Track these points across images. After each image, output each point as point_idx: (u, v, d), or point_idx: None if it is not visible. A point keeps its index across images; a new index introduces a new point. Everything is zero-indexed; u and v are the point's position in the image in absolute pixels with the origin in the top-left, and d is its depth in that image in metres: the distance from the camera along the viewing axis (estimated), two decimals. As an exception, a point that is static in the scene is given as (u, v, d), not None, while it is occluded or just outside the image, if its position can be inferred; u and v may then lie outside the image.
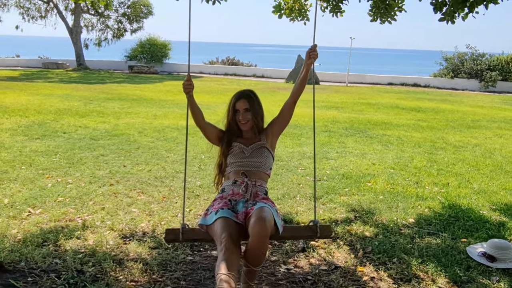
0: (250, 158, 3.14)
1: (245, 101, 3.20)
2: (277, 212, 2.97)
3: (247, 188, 3.01)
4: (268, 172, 3.21)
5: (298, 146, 8.51)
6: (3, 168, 6.21)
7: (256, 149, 3.18)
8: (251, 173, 3.10)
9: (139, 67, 30.03)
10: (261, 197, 3.04)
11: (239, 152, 3.17)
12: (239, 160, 3.14)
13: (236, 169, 3.13)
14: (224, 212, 2.87)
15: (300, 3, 5.65)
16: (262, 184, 3.12)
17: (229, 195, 3.05)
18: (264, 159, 3.17)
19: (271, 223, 2.75)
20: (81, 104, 13.37)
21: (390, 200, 5.52)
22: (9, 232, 4.11)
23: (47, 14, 32.65)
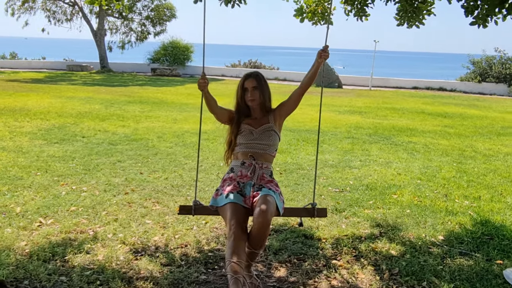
0: (258, 140, 3.37)
1: (253, 80, 3.43)
2: (279, 195, 3.28)
3: (254, 172, 3.29)
4: (273, 153, 3.45)
5: (320, 154, 8.22)
6: (19, 174, 6.10)
7: (265, 131, 3.39)
8: (258, 155, 3.35)
9: (162, 69, 30.11)
10: (266, 180, 3.33)
11: (248, 133, 3.38)
12: (247, 141, 3.37)
13: (245, 150, 3.36)
14: (234, 197, 3.18)
15: (323, 6, 5.39)
16: (268, 166, 3.40)
17: (237, 176, 3.32)
18: (271, 141, 3.39)
19: (273, 212, 3.06)
20: (102, 107, 13.34)
21: (417, 214, 5.20)
22: (17, 244, 3.96)
23: (73, 17, 33.06)
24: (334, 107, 16.06)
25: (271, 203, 3.07)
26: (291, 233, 4.55)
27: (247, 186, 3.28)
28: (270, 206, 3.05)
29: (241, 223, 3.06)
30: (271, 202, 3.09)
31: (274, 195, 3.18)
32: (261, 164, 3.35)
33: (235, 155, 3.45)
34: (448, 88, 26.80)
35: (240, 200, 3.18)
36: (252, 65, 33.43)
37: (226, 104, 3.57)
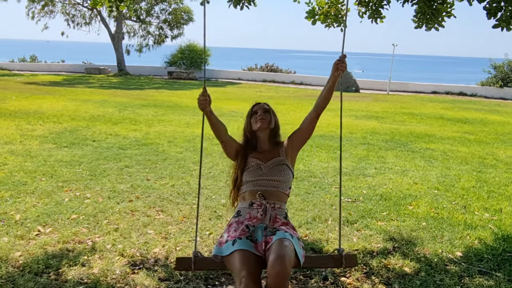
0: (268, 176, 2.89)
1: (264, 104, 3.11)
2: (298, 240, 2.73)
3: (265, 212, 2.80)
4: (287, 192, 2.96)
5: (334, 161, 7.96)
6: (24, 180, 5.99)
7: (275, 165, 2.93)
8: (269, 193, 2.86)
9: (178, 73, 30.13)
10: (280, 222, 2.82)
11: (256, 168, 2.92)
12: (256, 178, 2.89)
13: (253, 188, 2.88)
14: (243, 243, 2.64)
15: (336, 8, 5.16)
16: (282, 206, 2.89)
17: (246, 219, 2.81)
18: (283, 177, 2.91)
19: (291, 259, 2.52)
20: (115, 111, 13.27)
21: (434, 227, 4.92)
22: (12, 255, 3.81)
23: (91, 20, 33.35)
24: (350, 112, 15.78)
25: (289, 249, 2.55)
26: (298, 247, 4.31)
27: (258, 230, 2.75)
28: (288, 252, 2.53)
29: (253, 274, 2.51)
30: (289, 248, 2.56)
31: (291, 239, 2.64)
32: (273, 204, 2.85)
33: (242, 196, 2.94)
34: (469, 93, 26.22)
35: (251, 247, 2.64)
36: (269, 68, 33.27)
37: (233, 133, 3.10)
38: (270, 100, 19.23)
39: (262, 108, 3.07)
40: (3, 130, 9.37)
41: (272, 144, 3.05)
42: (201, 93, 2.78)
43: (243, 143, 3.06)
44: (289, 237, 2.64)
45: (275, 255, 2.48)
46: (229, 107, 15.86)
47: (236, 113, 14.26)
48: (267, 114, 3.05)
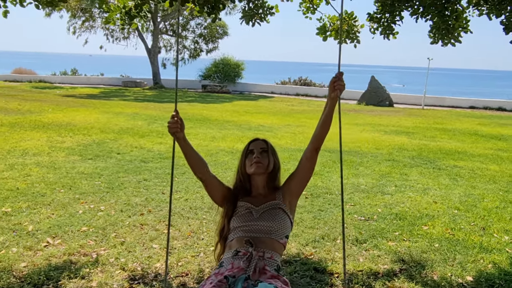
0: (259, 221, 2.43)
1: (262, 142, 2.64)
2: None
3: (250, 261, 2.28)
4: (283, 241, 2.45)
5: (353, 177, 7.84)
6: (43, 191, 6.17)
7: (268, 209, 2.48)
8: (259, 241, 2.38)
9: (212, 86, 30.51)
10: (269, 275, 2.27)
11: (246, 213, 2.48)
12: (245, 223, 2.44)
13: (241, 235, 2.42)
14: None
15: (348, 23, 5.12)
16: (273, 256, 2.37)
17: (227, 270, 2.29)
18: (278, 223, 2.44)
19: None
20: (144, 124, 13.54)
21: (446, 249, 4.75)
22: (17, 266, 3.92)
23: (129, 35, 34.30)
24: (380, 127, 15.53)
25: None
26: (301, 265, 4.25)
27: (238, 283, 2.20)
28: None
29: None
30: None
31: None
32: (262, 252, 2.35)
33: (229, 245, 2.47)
34: (508, 108, 25.34)
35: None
36: (302, 82, 33.26)
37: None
38: (301, 114, 19.19)
39: (259, 148, 2.61)
40: (34, 142, 9.71)
41: (269, 189, 2.60)
42: (171, 116, 2.42)
43: (234, 185, 2.64)
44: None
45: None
46: (258, 121, 15.90)
47: (263, 127, 14.30)
48: (265, 156, 2.59)
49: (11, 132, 10.72)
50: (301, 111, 20.95)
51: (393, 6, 4.66)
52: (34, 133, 10.85)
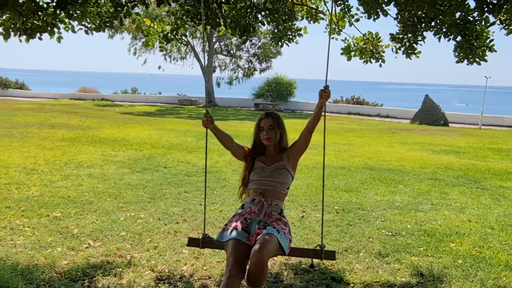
0: (269, 177, 3.41)
1: (270, 119, 3.54)
2: (284, 235, 3.23)
3: (262, 208, 3.33)
4: (284, 191, 3.47)
5: (390, 194, 7.87)
6: (91, 199, 6.71)
7: (276, 169, 3.44)
8: (268, 192, 3.39)
9: (264, 104, 31.03)
10: (274, 218, 3.34)
11: (260, 170, 3.45)
12: (259, 178, 3.42)
13: (256, 187, 3.42)
14: (237, 233, 3.19)
15: (373, 44, 5.30)
16: (278, 204, 3.42)
17: (246, 212, 3.38)
18: (282, 179, 3.41)
19: (270, 251, 3.04)
20: (194, 140, 14.10)
21: (470, 266, 4.76)
22: (59, 263, 4.37)
23: (186, 55, 35.65)
24: (429, 146, 15.28)
25: (269, 243, 3.06)
26: (320, 274, 4.43)
27: (253, 223, 3.29)
28: (268, 245, 3.04)
29: (238, 261, 3.06)
30: (270, 242, 3.07)
31: (277, 235, 3.16)
32: (270, 201, 3.38)
33: (248, 192, 3.52)
34: None
35: (244, 237, 3.19)
36: (354, 101, 33.12)
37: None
38: (349, 132, 19.19)
39: (267, 125, 3.53)
40: (89, 155, 10.43)
41: (278, 151, 3.54)
42: (204, 115, 3.46)
43: (252, 147, 3.60)
44: (275, 233, 3.15)
45: (257, 246, 2.99)
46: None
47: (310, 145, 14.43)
48: (272, 131, 3.52)
49: (70, 146, 11.55)
50: (351, 129, 20.94)
51: (415, 26, 4.81)
52: (90, 147, 11.63)
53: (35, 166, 8.81)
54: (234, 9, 5.16)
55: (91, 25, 5.21)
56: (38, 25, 4.83)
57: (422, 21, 4.91)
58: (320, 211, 6.61)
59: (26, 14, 4.52)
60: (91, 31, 5.20)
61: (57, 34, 5.13)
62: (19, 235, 5.12)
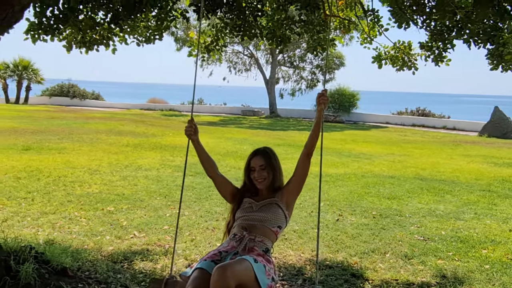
0: (257, 212, 2.99)
1: (260, 158, 3.11)
2: (264, 268, 2.73)
3: (241, 241, 2.86)
4: (274, 229, 2.97)
5: (434, 203, 7.85)
6: (143, 197, 7.30)
7: (266, 204, 3.03)
8: (254, 227, 2.93)
9: (326, 116, 30.96)
10: (256, 253, 2.80)
11: (247, 207, 3.05)
12: (245, 214, 3.01)
13: (240, 223, 2.99)
14: (204, 264, 2.74)
15: (404, 52, 5.47)
16: (264, 241, 2.90)
17: (223, 247, 2.90)
18: (271, 214, 2.97)
19: (237, 273, 2.56)
20: (250, 148, 14.51)
21: (495, 271, 4.78)
22: (105, 248, 4.92)
23: (250, 67, 36.52)
24: (492, 159, 14.74)
25: (239, 265, 2.62)
26: (341, 271, 4.66)
27: (228, 256, 2.80)
28: (236, 266, 2.59)
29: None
30: (240, 264, 2.62)
31: (252, 263, 2.67)
32: (254, 236, 2.89)
33: (231, 231, 3.06)
34: None
35: (211, 268, 2.65)
36: (420, 112, 32.33)
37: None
38: (410, 144, 18.85)
39: (258, 166, 3.09)
40: (149, 160, 11.18)
41: (271, 191, 3.12)
42: (188, 122, 3.12)
43: (242, 187, 3.18)
44: (249, 260, 2.65)
45: (220, 265, 2.57)
46: (361, 149, 16.08)
47: (363, 155, 14.44)
48: (264, 173, 3.08)
49: (132, 152, 12.40)
50: (412, 141, 20.55)
51: (443, 34, 4.94)
52: (151, 152, 12.42)
53: (98, 167, 9.63)
54: (271, 21, 5.55)
55: (142, 38, 5.79)
56: (95, 39, 5.48)
57: (451, 29, 5.03)
58: (357, 216, 6.79)
59: (85, 29, 5.16)
60: (142, 43, 5.79)
61: (112, 46, 5.75)
62: (75, 224, 5.76)
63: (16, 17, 3.29)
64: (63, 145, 12.55)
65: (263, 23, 5.52)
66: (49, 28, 4.93)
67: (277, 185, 3.13)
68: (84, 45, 5.52)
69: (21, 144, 12.27)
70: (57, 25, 5.00)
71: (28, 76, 33.69)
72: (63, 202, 6.74)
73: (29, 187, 7.44)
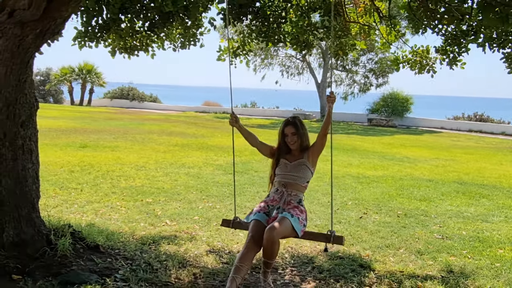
0: (291, 172, 3.99)
1: (291, 127, 4.06)
2: (298, 219, 3.80)
3: (281, 197, 3.93)
4: (304, 184, 4.03)
5: (465, 206, 7.88)
6: (180, 191, 7.86)
7: (297, 165, 4.01)
8: (289, 184, 3.97)
9: (378, 120, 30.82)
10: (292, 205, 3.89)
11: (283, 166, 4.05)
12: (282, 172, 4.03)
13: (279, 179, 4.03)
14: (259, 215, 3.90)
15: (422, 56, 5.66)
16: (298, 194, 3.97)
17: (269, 200, 4.02)
18: (301, 173, 3.98)
19: (281, 231, 3.66)
20: (292, 150, 14.89)
21: (505, 268, 4.88)
22: (138, 232, 5.48)
23: (303, 71, 36.80)
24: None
25: (282, 224, 3.69)
26: (351, 261, 4.94)
27: (274, 209, 3.93)
28: (281, 226, 3.67)
29: (256, 237, 3.75)
30: (283, 223, 3.70)
31: (290, 218, 3.77)
32: (290, 191, 3.97)
33: (273, 184, 4.16)
34: None
35: (264, 219, 3.87)
36: (478, 118, 31.32)
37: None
38: (461, 149, 18.44)
39: (290, 132, 4.07)
40: (193, 159, 11.80)
41: (300, 151, 4.09)
42: (230, 115, 4.25)
43: (278, 147, 4.16)
44: (288, 217, 3.76)
45: (270, 226, 3.66)
46: (407, 153, 15.97)
47: (407, 159, 14.36)
48: (295, 138, 4.05)
49: (180, 151, 13.10)
50: (464, 146, 20.08)
51: (457, 39, 5.11)
52: (197, 152, 13.07)
53: (145, 164, 10.34)
54: (295, 27, 5.92)
55: (178, 43, 6.34)
56: (135, 45, 6.07)
57: (466, 34, 5.21)
58: (381, 214, 7.00)
59: (125, 36, 5.77)
60: (177, 49, 6.34)
61: (151, 51, 6.34)
62: (116, 212, 6.39)
63: (58, 28, 3.87)
64: (116, 144, 13.47)
65: (287, 29, 5.90)
66: (93, 36, 5.57)
67: (305, 145, 4.08)
68: (126, 51, 6.14)
69: (79, 142, 13.30)
70: (101, 33, 5.63)
71: (92, 79, 35.78)
72: (108, 193, 7.43)
73: (80, 179, 8.22)
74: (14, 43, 3.63)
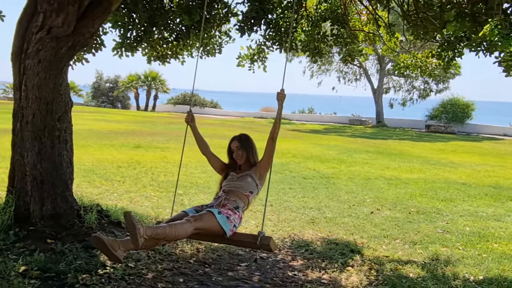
0: (235, 181, 3.96)
1: (236, 141, 4.13)
2: (228, 219, 3.62)
3: (218, 199, 3.86)
4: (246, 193, 3.91)
5: (485, 207, 8.03)
6: (211, 185, 8.63)
7: (243, 176, 3.98)
8: (231, 191, 3.88)
9: (436, 126, 30.25)
10: (226, 207, 3.72)
11: (230, 178, 4.03)
12: (227, 183, 3.99)
13: (223, 188, 3.98)
14: (188, 209, 3.75)
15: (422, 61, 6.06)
16: (236, 201, 3.82)
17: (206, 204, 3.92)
18: (244, 182, 3.92)
19: (200, 222, 3.47)
20: (334, 153, 15.30)
21: (488, 258, 5.19)
22: (162, 217, 6.29)
23: (360, 77, 36.79)
24: None
25: (204, 217, 3.51)
26: (344, 247, 5.46)
27: (205, 208, 3.73)
28: (202, 218, 3.49)
29: (174, 220, 3.52)
30: (205, 216, 3.52)
31: (217, 215, 3.56)
32: (229, 197, 3.81)
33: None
34: None
35: (191, 212, 3.66)
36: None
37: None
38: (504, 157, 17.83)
39: (235, 147, 4.10)
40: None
41: (248, 166, 4.07)
42: (187, 113, 4.15)
43: (228, 163, 4.19)
44: (214, 212, 3.58)
45: (192, 215, 3.55)
46: (455, 158, 15.74)
47: (452, 164, 14.24)
48: (240, 151, 4.06)
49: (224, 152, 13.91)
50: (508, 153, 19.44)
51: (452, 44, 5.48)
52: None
53: (188, 163, 11.25)
54: (307, 36, 6.53)
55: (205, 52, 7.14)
56: (166, 53, 6.93)
57: (460, 40, 5.58)
58: (393, 211, 7.39)
59: (156, 45, 6.64)
60: (204, 56, 7.14)
61: (182, 59, 7.18)
62: (148, 200, 7.27)
63: (87, 41, 4.76)
64: (167, 145, 14.56)
65: (299, 38, 6.52)
66: (129, 46, 6.48)
67: (253, 161, 4.09)
68: (159, 58, 7.02)
69: (134, 142, 14.53)
70: (136, 43, 6.54)
71: (156, 86, 37.84)
72: (146, 185, 8.36)
73: (124, 174, 9.24)
74: (51, 54, 4.55)
